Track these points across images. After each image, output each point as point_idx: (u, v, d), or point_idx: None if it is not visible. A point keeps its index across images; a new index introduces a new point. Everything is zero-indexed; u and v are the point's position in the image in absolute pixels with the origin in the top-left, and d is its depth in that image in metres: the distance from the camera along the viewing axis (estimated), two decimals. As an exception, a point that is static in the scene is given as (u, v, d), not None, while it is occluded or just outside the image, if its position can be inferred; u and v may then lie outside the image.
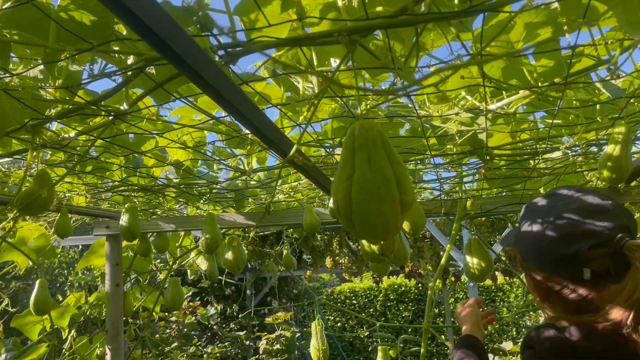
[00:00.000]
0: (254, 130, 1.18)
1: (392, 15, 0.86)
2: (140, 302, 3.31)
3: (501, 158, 1.98)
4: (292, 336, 6.87)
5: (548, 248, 1.07)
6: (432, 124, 1.72)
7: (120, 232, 2.35)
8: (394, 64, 0.99)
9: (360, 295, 11.85)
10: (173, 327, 6.02)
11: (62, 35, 1.05)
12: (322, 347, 2.64)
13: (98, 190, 2.37)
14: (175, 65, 0.84)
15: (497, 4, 0.85)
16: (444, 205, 2.54)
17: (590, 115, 1.64)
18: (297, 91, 1.53)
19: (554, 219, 1.08)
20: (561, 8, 0.98)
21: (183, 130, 1.72)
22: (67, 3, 1.05)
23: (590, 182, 2.37)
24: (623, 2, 0.90)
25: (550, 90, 1.34)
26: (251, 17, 1.12)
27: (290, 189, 2.66)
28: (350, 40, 0.89)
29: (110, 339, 2.92)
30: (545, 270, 1.10)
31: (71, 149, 1.61)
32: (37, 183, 1.37)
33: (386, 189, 0.83)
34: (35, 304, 2.51)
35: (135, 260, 3.14)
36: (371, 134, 0.87)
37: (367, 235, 0.87)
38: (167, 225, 2.88)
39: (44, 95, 1.24)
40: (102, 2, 0.68)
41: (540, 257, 1.10)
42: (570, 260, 1.03)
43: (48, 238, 2.77)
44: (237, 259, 2.42)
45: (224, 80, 0.93)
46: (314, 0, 1.08)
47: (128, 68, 1.11)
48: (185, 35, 0.80)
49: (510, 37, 1.29)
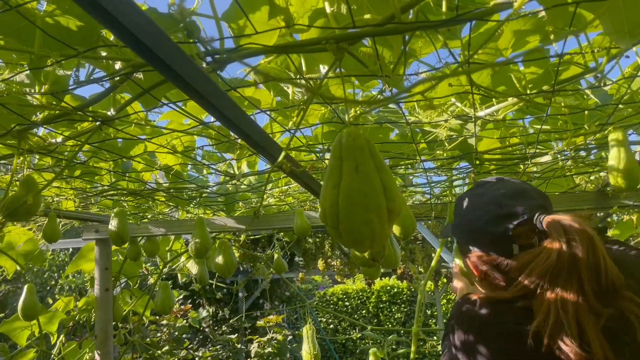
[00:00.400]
0: (243, 136, 1.17)
1: (379, 23, 0.86)
2: (130, 306, 3.29)
3: (491, 162, 1.99)
4: (284, 339, 6.86)
5: (482, 230, 1.19)
6: (422, 129, 1.73)
7: (110, 237, 2.33)
8: (382, 71, 0.99)
9: (353, 296, 11.85)
10: (164, 331, 5.99)
11: (48, 41, 1.04)
12: (314, 352, 2.64)
13: (87, 195, 2.36)
14: (161, 72, 0.83)
15: (485, 13, 0.85)
16: (435, 209, 2.55)
17: (579, 120, 1.65)
18: (287, 95, 1.53)
19: (483, 204, 1.22)
20: (548, 16, 0.98)
21: (172, 134, 1.70)
22: (53, 8, 1.04)
23: (580, 186, 2.39)
24: (610, 11, 0.91)
25: (538, 97, 1.34)
26: (239, 23, 1.11)
27: (281, 192, 2.65)
28: (338, 48, 0.89)
29: (100, 344, 2.90)
30: (482, 251, 1.21)
31: (58, 153, 1.59)
32: (23, 189, 1.35)
33: (373, 197, 0.83)
34: (24, 309, 2.48)
35: (125, 264, 3.12)
36: (358, 141, 0.87)
37: (354, 244, 0.87)
38: (157, 229, 2.86)
39: (30, 101, 1.22)
40: (86, 10, 0.68)
41: (476, 239, 1.22)
42: (500, 238, 1.15)
43: (36, 242, 2.75)
44: (227, 263, 2.41)
45: (211, 86, 0.93)
46: (302, 7, 1.08)
47: (115, 73, 1.10)
48: (171, 43, 0.79)
49: (499, 44, 1.29)
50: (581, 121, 1.64)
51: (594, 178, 2.48)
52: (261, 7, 1.08)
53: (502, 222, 1.15)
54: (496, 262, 1.18)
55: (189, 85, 0.86)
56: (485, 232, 1.19)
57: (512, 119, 1.67)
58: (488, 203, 1.20)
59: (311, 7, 1.08)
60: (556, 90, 1.23)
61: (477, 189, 1.30)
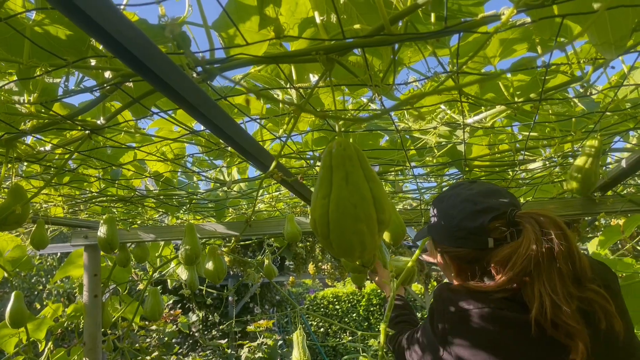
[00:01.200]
0: (233, 144, 1.17)
1: (369, 34, 0.87)
2: (120, 312, 3.26)
3: (480, 169, 2.00)
4: (275, 344, 6.83)
5: (458, 226, 1.27)
6: (412, 136, 1.74)
7: (99, 244, 2.31)
8: (371, 81, 1.00)
9: (344, 300, 11.84)
10: (153, 336, 5.95)
11: (37, 50, 1.04)
12: (304, 358, 2.63)
13: (76, 202, 2.34)
14: (151, 83, 0.83)
15: (473, 25, 0.85)
16: (424, 215, 2.56)
17: (566, 127, 1.67)
18: (277, 103, 1.53)
19: (458, 203, 1.30)
20: (535, 27, 1.00)
21: (162, 142, 1.70)
22: (42, 17, 1.04)
23: (567, 192, 2.41)
24: (596, 24, 0.92)
25: (526, 105, 1.36)
26: (230, 32, 1.11)
27: (272, 198, 2.65)
28: (327, 59, 0.89)
29: (88, 350, 2.87)
30: (457, 246, 1.29)
31: (47, 161, 1.58)
32: (11, 198, 1.34)
33: (363, 207, 0.84)
34: (11, 316, 2.45)
35: (114, 270, 3.09)
36: (348, 152, 0.88)
37: (345, 253, 0.87)
38: (146, 235, 2.84)
39: (19, 109, 1.22)
40: (74, 21, 0.68)
41: (452, 235, 1.29)
42: (476, 232, 1.23)
43: (24, 249, 2.72)
44: (217, 269, 2.40)
45: (201, 96, 0.93)
46: (292, 16, 1.08)
47: (105, 82, 1.10)
48: (160, 53, 0.79)
49: (487, 52, 1.30)
50: (568, 128, 1.66)
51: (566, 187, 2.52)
52: (251, 17, 1.08)
53: (478, 217, 1.23)
54: (472, 257, 1.26)
55: (179, 95, 0.86)
56: (461, 228, 1.26)
57: (501, 126, 1.68)
58: (463, 201, 1.28)
59: (301, 17, 1.09)
60: (543, 99, 1.25)
61: (451, 190, 1.38)
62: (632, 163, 1.74)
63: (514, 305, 1.13)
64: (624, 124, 1.64)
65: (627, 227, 2.95)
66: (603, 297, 1.10)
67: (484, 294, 1.17)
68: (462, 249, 1.29)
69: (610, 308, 1.09)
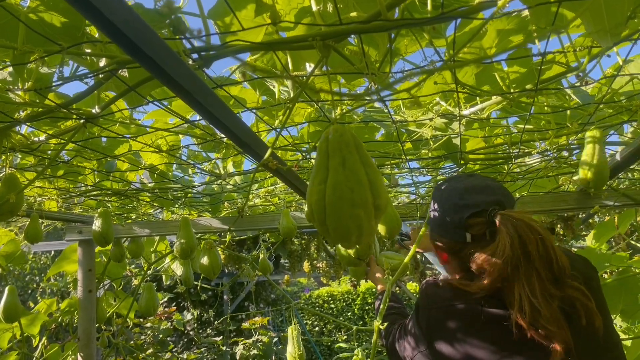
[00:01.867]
0: (229, 134, 1.17)
1: (365, 20, 0.87)
2: (114, 308, 3.25)
3: (475, 162, 2.01)
4: (270, 341, 6.83)
5: (443, 218, 1.33)
6: (408, 129, 1.74)
7: (93, 238, 2.30)
8: (367, 69, 1.00)
9: (339, 299, 11.84)
10: (148, 334, 5.93)
11: (32, 37, 1.03)
12: (299, 353, 2.63)
13: (70, 195, 2.33)
14: (147, 68, 0.83)
15: (469, 11, 0.86)
16: (420, 209, 2.56)
17: (561, 120, 1.68)
18: (272, 95, 1.53)
19: (447, 196, 1.35)
20: (531, 15, 1.00)
21: (157, 133, 1.69)
22: (37, 4, 1.03)
23: (563, 186, 2.42)
24: (591, 9, 0.92)
25: (522, 96, 1.36)
26: (226, 20, 1.11)
27: (267, 193, 2.65)
28: (324, 45, 0.89)
29: (83, 346, 2.86)
30: (444, 237, 1.35)
31: (41, 152, 1.57)
32: (5, 188, 1.33)
33: (360, 192, 0.84)
34: (5, 311, 2.44)
35: (109, 265, 3.08)
36: (345, 138, 0.88)
37: (342, 239, 0.87)
38: (141, 230, 2.83)
39: (12, 98, 1.21)
40: (71, 4, 0.67)
41: (440, 226, 1.35)
42: (456, 226, 1.28)
43: (18, 244, 2.71)
44: (212, 264, 2.40)
45: (197, 83, 0.92)
46: (288, 4, 1.08)
47: (100, 70, 1.09)
48: (157, 38, 0.79)
49: (483, 43, 1.31)
50: (563, 121, 1.66)
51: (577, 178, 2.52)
52: (247, 4, 1.08)
53: (459, 212, 1.28)
54: (456, 248, 1.31)
55: (176, 82, 0.86)
56: (446, 221, 1.32)
57: (497, 118, 1.69)
58: (451, 194, 1.34)
59: (297, 5, 1.09)
60: (539, 89, 1.25)
61: (448, 182, 1.42)
62: (626, 156, 1.74)
63: (496, 302, 1.16)
64: (618, 117, 1.65)
65: (621, 222, 2.95)
66: (583, 293, 1.12)
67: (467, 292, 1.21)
68: (444, 239, 1.35)
69: (590, 305, 1.11)
